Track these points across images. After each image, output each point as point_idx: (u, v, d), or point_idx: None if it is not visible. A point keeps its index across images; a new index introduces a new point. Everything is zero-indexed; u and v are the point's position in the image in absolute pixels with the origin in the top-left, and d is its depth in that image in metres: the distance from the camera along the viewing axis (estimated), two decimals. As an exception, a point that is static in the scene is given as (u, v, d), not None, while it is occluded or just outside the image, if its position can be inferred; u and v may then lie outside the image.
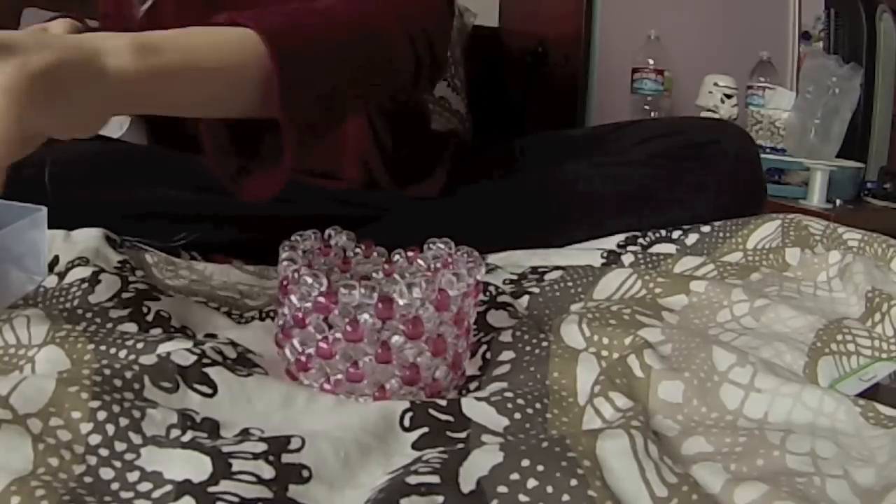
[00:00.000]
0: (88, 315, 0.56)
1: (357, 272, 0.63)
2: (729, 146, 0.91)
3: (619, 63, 1.87)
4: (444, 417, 0.46)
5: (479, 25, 1.69)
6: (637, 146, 0.92)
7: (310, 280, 0.50)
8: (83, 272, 0.63)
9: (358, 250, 0.63)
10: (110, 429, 0.39)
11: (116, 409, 0.40)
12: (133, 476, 0.37)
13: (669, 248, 0.83)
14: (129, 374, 0.43)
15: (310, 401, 0.47)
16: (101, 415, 0.39)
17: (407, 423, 0.45)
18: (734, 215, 0.86)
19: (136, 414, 0.40)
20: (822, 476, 0.40)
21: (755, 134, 1.79)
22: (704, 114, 1.78)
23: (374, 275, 0.63)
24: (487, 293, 0.65)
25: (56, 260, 0.69)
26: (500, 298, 0.64)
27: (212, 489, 0.35)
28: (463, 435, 0.45)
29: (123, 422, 0.39)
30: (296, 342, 0.51)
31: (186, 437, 0.40)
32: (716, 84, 1.87)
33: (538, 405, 0.49)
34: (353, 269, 0.63)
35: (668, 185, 0.88)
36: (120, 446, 0.38)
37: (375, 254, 0.64)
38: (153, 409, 0.41)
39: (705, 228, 0.84)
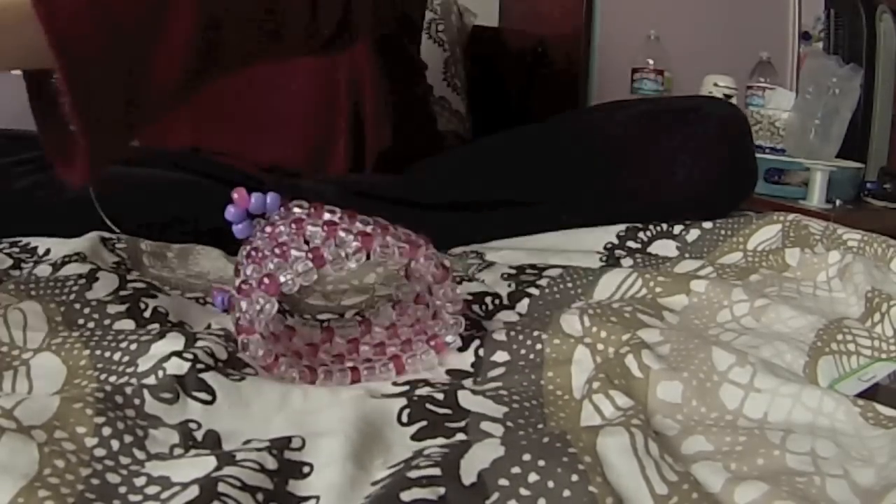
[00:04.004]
0: (86, 311, 0.56)
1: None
2: (712, 110, 0.89)
3: (619, 63, 1.86)
4: (441, 411, 0.46)
5: (479, 25, 1.69)
6: (618, 111, 0.93)
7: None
8: (80, 268, 0.62)
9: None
10: (115, 444, 0.39)
11: (121, 425, 0.40)
12: (140, 480, 0.37)
13: (669, 244, 0.83)
14: (129, 391, 0.43)
15: (306, 398, 0.47)
16: (106, 430, 0.39)
17: (405, 419, 0.45)
18: (720, 185, 0.85)
19: (140, 433, 0.40)
20: (822, 476, 0.39)
21: (755, 134, 1.79)
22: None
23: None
24: (484, 306, 0.65)
25: (47, 252, 0.70)
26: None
27: (215, 474, 0.36)
28: (462, 424, 0.45)
29: (128, 438, 0.40)
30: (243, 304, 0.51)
31: (190, 455, 0.41)
32: (716, 84, 1.86)
33: (535, 401, 0.49)
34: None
35: (644, 144, 0.87)
36: (125, 460, 0.38)
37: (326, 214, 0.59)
38: (155, 429, 0.41)
39: (707, 225, 0.83)
